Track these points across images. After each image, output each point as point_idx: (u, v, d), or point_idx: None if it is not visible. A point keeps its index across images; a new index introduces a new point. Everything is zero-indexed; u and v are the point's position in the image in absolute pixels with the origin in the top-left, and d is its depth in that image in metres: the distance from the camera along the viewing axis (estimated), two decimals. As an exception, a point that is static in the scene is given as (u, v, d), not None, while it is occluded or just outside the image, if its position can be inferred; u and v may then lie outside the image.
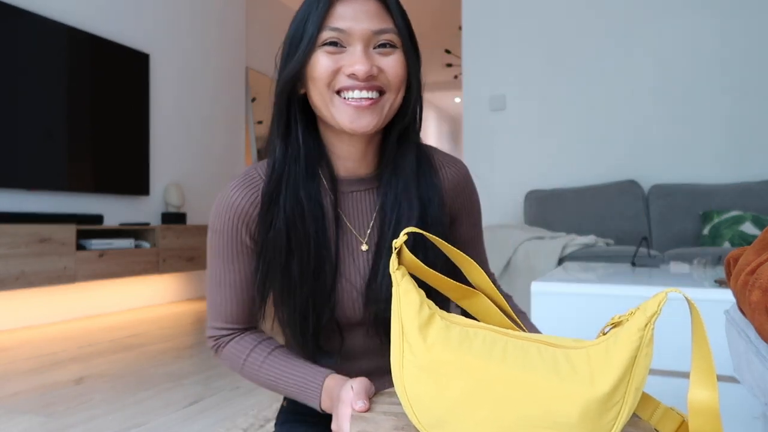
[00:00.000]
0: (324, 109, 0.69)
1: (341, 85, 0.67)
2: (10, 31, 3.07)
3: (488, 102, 3.96)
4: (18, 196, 3.18)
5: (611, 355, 0.46)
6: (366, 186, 0.76)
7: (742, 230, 3.03)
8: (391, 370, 0.52)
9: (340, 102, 0.67)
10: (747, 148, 3.45)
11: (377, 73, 0.67)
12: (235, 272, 0.76)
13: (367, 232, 0.76)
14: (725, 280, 1.36)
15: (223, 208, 0.74)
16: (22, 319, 3.23)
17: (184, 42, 4.41)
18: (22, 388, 2.06)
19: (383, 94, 0.68)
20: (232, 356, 0.78)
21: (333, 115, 0.68)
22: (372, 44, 0.67)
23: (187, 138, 4.45)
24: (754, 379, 0.78)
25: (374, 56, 0.67)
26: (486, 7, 4.06)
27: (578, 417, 0.45)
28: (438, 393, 0.49)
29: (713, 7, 3.53)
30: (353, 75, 0.65)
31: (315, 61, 0.67)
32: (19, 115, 3.10)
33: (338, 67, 0.66)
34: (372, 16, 0.66)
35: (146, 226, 3.73)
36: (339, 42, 0.66)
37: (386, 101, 0.69)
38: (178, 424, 1.71)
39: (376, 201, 0.76)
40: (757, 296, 0.68)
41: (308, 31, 0.66)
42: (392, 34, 0.67)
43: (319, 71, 0.67)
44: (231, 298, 0.77)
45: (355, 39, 0.66)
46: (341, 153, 0.74)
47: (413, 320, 0.51)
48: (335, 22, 0.66)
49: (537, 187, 3.83)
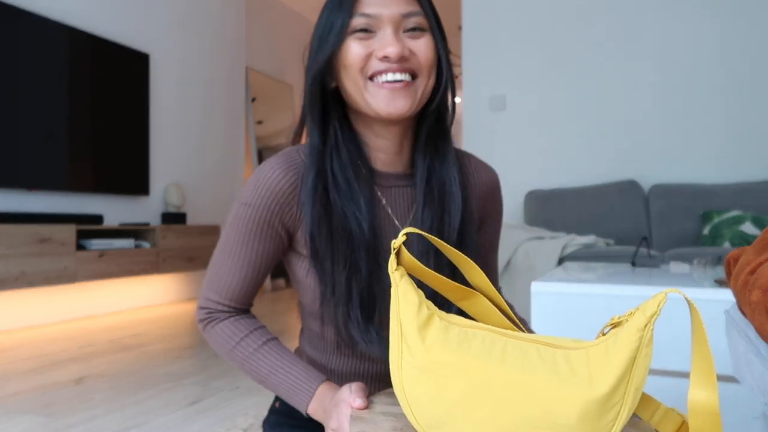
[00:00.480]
0: (358, 96, 0.69)
1: (374, 69, 0.67)
2: (11, 32, 3.07)
3: (488, 102, 3.96)
4: (18, 196, 3.18)
5: (611, 356, 0.46)
6: (404, 182, 0.76)
7: (742, 230, 3.03)
8: (390, 371, 0.52)
9: (375, 87, 0.67)
10: (747, 148, 3.45)
11: (409, 55, 0.67)
12: (254, 251, 0.72)
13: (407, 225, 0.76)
14: (725, 280, 1.36)
15: (262, 184, 0.71)
16: (22, 319, 3.23)
17: (184, 42, 4.41)
18: (22, 388, 2.06)
19: (415, 78, 0.68)
20: (223, 336, 0.75)
21: (368, 101, 0.68)
22: (401, 28, 0.67)
23: (187, 138, 4.45)
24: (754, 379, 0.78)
25: (404, 39, 0.67)
26: (486, 7, 4.06)
27: (577, 418, 0.45)
28: (436, 394, 0.49)
29: (713, 8, 3.53)
30: (386, 57, 0.66)
31: (346, 49, 0.67)
32: (19, 115, 3.10)
33: (370, 52, 0.67)
34: (399, 1, 0.67)
35: (146, 226, 3.73)
36: (369, 28, 0.67)
37: (419, 85, 0.69)
38: (178, 424, 1.71)
39: (413, 198, 0.75)
40: (757, 296, 0.68)
41: (338, 20, 0.67)
42: (420, 17, 0.68)
43: (351, 58, 0.67)
44: (240, 273, 0.73)
45: (385, 23, 0.67)
46: (377, 146, 0.74)
47: (412, 321, 0.51)
48: (364, 8, 0.66)
49: (537, 187, 3.83)
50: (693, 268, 1.93)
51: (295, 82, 6.04)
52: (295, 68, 6.06)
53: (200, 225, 4.16)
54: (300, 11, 6.08)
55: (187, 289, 4.43)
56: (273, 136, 5.58)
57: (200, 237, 4.12)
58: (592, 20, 3.79)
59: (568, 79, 3.83)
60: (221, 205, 4.83)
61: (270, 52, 5.64)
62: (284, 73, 5.88)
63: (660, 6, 3.64)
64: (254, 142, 5.23)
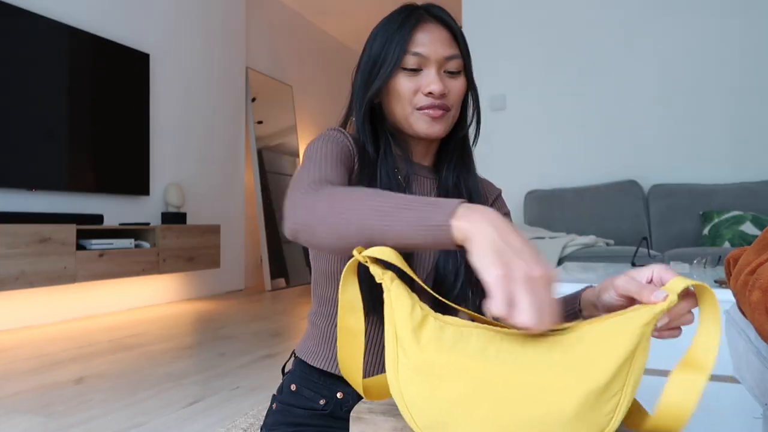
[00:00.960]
0: (404, 120, 0.81)
1: (421, 104, 0.79)
2: (11, 31, 3.07)
3: (488, 102, 3.96)
4: (18, 196, 3.18)
5: (610, 344, 0.45)
6: (426, 174, 0.89)
7: (742, 230, 3.03)
8: (387, 377, 0.52)
9: (418, 114, 0.80)
10: (747, 148, 3.45)
11: (447, 92, 0.80)
12: (335, 151, 0.77)
13: None
14: (725, 280, 1.36)
15: (335, 131, 0.81)
16: (22, 319, 3.23)
17: (184, 42, 4.41)
18: (22, 388, 2.06)
19: (448, 110, 0.81)
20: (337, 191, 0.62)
21: (411, 124, 0.81)
22: (443, 68, 0.80)
23: (187, 138, 4.45)
24: (754, 379, 0.78)
25: (444, 78, 0.80)
26: (486, 8, 4.06)
27: (575, 409, 0.44)
28: (432, 394, 0.49)
29: (713, 8, 3.53)
30: (430, 94, 0.78)
31: (397, 81, 0.80)
32: (19, 115, 3.11)
33: (417, 87, 0.79)
34: (444, 43, 0.79)
35: (146, 226, 3.73)
36: (418, 66, 0.79)
37: (450, 116, 0.83)
38: (178, 424, 1.71)
39: (433, 187, 0.88)
40: (757, 296, 0.68)
41: (392, 53, 0.79)
42: (459, 60, 0.81)
43: (403, 91, 0.80)
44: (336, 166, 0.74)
45: (431, 62, 0.79)
46: (410, 148, 0.87)
47: (406, 323, 0.51)
48: (416, 48, 0.78)
49: (537, 187, 3.83)
50: (693, 268, 1.93)
51: (295, 82, 6.04)
52: (295, 68, 6.07)
53: (200, 225, 4.16)
54: (300, 11, 6.08)
55: (187, 289, 4.43)
56: (273, 136, 5.58)
57: (200, 237, 4.12)
58: (592, 20, 3.79)
59: (568, 79, 3.83)
60: (221, 205, 4.83)
61: (270, 52, 5.64)
62: (284, 73, 5.88)
63: (660, 6, 3.64)
64: (254, 142, 5.23)
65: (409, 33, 0.78)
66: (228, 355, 2.59)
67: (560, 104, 3.85)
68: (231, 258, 4.94)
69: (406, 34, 0.78)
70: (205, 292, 4.63)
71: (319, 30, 6.48)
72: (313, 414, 0.83)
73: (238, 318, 3.61)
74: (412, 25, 0.79)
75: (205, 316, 3.69)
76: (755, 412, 1.20)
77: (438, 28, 0.80)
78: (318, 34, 6.46)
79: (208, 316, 3.66)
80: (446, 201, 0.51)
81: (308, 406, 0.83)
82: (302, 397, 0.84)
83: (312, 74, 6.36)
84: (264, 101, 5.45)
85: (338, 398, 0.82)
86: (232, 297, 4.61)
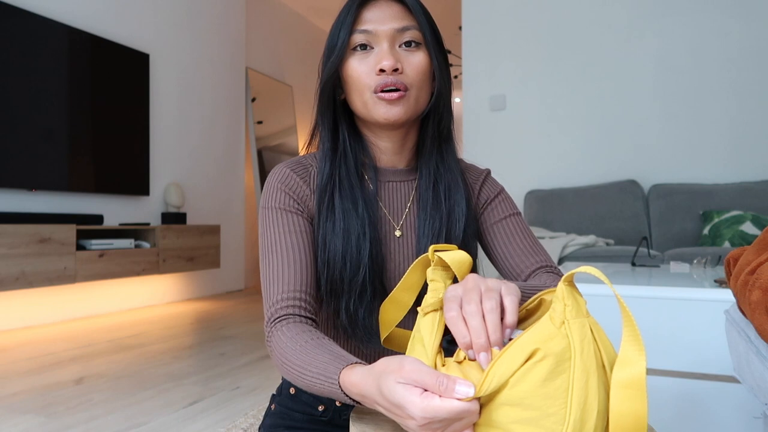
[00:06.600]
0: (363, 108, 0.76)
1: (375, 84, 0.74)
2: (11, 31, 3.07)
3: (488, 102, 3.96)
4: (18, 196, 3.18)
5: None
6: (402, 178, 0.83)
7: (742, 230, 3.03)
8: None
9: (375, 98, 0.75)
10: (747, 148, 3.45)
11: (403, 67, 0.74)
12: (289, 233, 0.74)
13: (400, 221, 0.81)
14: (725, 280, 1.36)
15: (273, 181, 0.78)
16: (22, 319, 3.23)
17: (184, 42, 4.41)
18: (22, 388, 2.06)
19: (408, 90, 0.75)
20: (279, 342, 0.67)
21: (370, 110, 0.76)
22: (397, 42, 0.75)
23: (187, 138, 4.45)
24: (754, 379, 0.78)
25: (400, 53, 0.75)
26: (486, 8, 4.06)
27: None
28: None
29: (713, 8, 3.53)
30: (381, 71, 0.73)
31: (348, 65, 0.76)
32: (19, 115, 3.11)
33: (369, 67, 0.74)
34: (396, 17, 0.75)
35: (146, 226, 3.73)
36: (368, 44, 0.75)
37: (411, 95, 0.75)
38: (178, 424, 1.71)
39: (410, 192, 0.83)
40: (757, 296, 0.68)
41: (341, 37, 0.75)
42: (415, 31, 0.75)
43: (355, 74, 0.75)
44: (288, 260, 0.73)
45: (381, 38, 0.74)
46: (380, 146, 0.82)
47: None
48: (363, 25, 0.74)
49: (537, 187, 3.83)
50: (693, 268, 1.93)
51: (295, 82, 6.04)
52: (295, 68, 6.07)
53: (200, 225, 4.16)
54: (300, 11, 6.08)
55: (187, 289, 4.43)
56: (273, 136, 5.58)
57: (200, 237, 4.12)
58: (592, 20, 3.79)
59: (568, 79, 3.83)
60: (221, 205, 4.83)
61: (270, 52, 5.64)
62: (284, 73, 5.88)
63: (660, 6, 3.64)
64: (254, 142, 5.23)
65: (356, 12, 0.75)
66: (228, 355, 2.59)
67: (560, 104, 3.85)
68: (231, 258, 4.94)
69: (353, 14, 0.75)
70: (205, 292, 4.63)
71: (319, 30, 6.48)
72: (312, 419, 0.81)
73: (238, 318, 3.61)
74: (359, 4, 0.75)
75: (205, 316, 3.69)
76: (755, 412, 1.20)
77: (387, 3, 0.75)
78: (318, 34, 6.46)
79: (208, 316, 3.66)
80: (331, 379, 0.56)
81: (307, 411, 0.82)
82: (301, 402, 0.82)
83: (312, 74, 6.36)
84: (264, 101, 5.45)
85: (337, 406, 0.81)
86: (232, 297, 4.61)
